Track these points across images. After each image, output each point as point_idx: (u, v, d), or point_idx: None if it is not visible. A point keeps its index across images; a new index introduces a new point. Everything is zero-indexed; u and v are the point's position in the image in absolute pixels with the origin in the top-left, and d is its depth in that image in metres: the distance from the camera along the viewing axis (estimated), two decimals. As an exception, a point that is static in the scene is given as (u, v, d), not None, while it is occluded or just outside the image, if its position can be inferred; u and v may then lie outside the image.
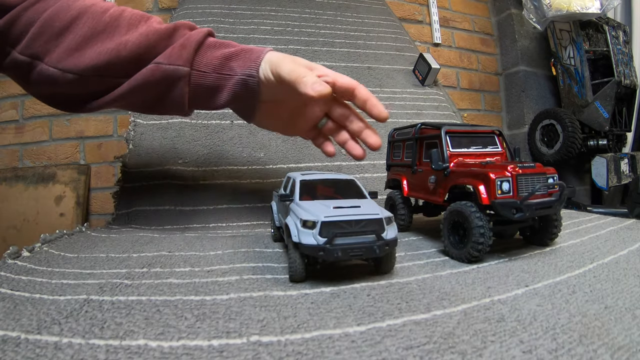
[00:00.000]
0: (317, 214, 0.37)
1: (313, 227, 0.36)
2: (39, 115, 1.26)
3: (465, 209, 0.44)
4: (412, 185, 0.59)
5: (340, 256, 0.35)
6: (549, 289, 0.35)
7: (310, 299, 0.33)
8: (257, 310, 0.29)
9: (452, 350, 0.24)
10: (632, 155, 1.38)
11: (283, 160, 0.85)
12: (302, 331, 0.26)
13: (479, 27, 1.68)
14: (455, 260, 0.45)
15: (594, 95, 1.34)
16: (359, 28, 1.31)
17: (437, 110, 1.12)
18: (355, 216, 0.37)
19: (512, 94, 1.62)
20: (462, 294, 0.34)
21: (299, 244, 0.37)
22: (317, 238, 0.36)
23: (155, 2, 1.34)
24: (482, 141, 0.55)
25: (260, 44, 1.14)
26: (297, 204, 0.42)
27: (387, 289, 0.36)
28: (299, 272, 0.37)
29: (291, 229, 0.38)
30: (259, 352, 0.23)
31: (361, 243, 0.36)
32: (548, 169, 0.48)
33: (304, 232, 0.36)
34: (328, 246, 0.35)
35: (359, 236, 0.36)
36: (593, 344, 0.25)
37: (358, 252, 0.36)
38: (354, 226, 0.36)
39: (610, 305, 0.31)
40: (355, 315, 0.29)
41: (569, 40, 1.38)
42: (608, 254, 0.46)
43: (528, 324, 0.28)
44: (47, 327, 0.25)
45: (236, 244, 0.53)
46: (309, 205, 0.40)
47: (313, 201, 0.42)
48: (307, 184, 0.45)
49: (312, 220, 0.36)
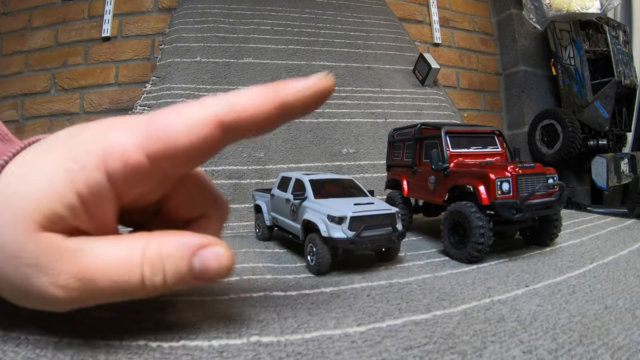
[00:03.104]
0: (344, 210, 0.40)
1: (341, 222, 0.39)
2: (39, 115, 1.26)
3: (465, 209, 0.44)
4: (412, 185, 0.59)
5: (369, 247, 0.40)
6: (549, 289, 0.35)
7: (310, 300, 0.33)
8: (257, 311, 0.29)
9: (452, 350, 0.24)
10: (632, 155, 1.38)
11: (283, 160, 0.85)
12: (302, 332, 0.26)
13: (479, 27, 1.68)
14: (455, 260, 0.45)
15: (594, 95, 1.34)
16: (359, 28, 1.30)
17: (437, 110, 1.12)
18: (375, 211, 0.42)
19: (512, 94, 1.62)
20: (462, 294, 0.34)
21: (328, 239, 0.39)
22: (346, 232, 0.39)
23: (155, 2, 1.34)
24: (482, 141, 0.55)
25: (261, 44, 1.14)
26: (314, 202, 0.44)
27: (387, 289, 0.36)
28: (326, 265, 0.40)
29: (319, 224, 0.40)
30: (258, 352, 0.23)
31: (382, 234, 0.41)
32: (548, 169, 0.48)
33: (333, 227, 0.39)
34: (357, 238, 0.39)
35: (379, 229, 0.41)
36: (593, 344, 0.25)
37: (381, 242, 0.41)
38: (374, 220, 0.41)
39: (610, 306, 0.31)
40: (355, 316, 0.29)
41: (569, 40, 1.38)
42: (608, 254, 0.46)
43: (528, 324, 0.28)
44: (47, 327, 0.25)
45: (236, 244, 0.53)
46: (330, 203, 0.42)
47: (330, 199, 0.44)
48: (316, 184, 0.46)
49: (341, 216, 0.40)
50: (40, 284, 0.20)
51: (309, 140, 0.92)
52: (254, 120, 0.22)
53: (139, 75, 1.30)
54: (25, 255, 0.20)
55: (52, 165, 0.21)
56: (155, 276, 0.21)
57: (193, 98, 1.00)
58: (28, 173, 0.21)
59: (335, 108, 1.01)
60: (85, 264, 0.20)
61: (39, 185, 0.20)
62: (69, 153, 0.21)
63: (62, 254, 0.20)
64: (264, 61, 1.09)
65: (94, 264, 0.20)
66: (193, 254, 0.22)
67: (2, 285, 0.21)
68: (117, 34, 1.32)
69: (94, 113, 1.27)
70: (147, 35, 1.32)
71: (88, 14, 1.32)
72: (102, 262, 0.21)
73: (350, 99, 1.05)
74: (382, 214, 0.41)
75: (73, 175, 0.20)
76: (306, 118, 0.97)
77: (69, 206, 0.20)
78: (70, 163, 0.20)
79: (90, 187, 0.20)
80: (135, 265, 0.21)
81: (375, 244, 0.40)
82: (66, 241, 0.21)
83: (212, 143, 0.22)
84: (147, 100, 0.92)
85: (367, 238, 0.40)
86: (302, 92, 0.23)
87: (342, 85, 1.08)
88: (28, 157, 0.22)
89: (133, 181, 0.22)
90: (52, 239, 0.20)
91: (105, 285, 0.20)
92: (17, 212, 0.20)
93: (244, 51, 1.10)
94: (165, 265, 0.22)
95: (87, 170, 0.20)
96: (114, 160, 0.21)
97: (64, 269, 0.20)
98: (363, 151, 0.93)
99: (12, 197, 0.20)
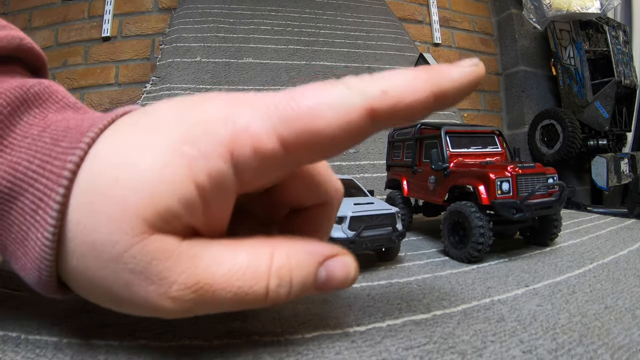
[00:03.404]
0: (343, 210, 0.39)
1: (341, 222, 0.39)
2: (39, 115, 1.26)
3: (465, 209, 0.44)
4: (412, 185, 0.59)
5: (369, 246, 0.40)
6: (549, 289, 0.35)
7: (310, 299, 0.33)
8: (257, 310, 0.29)
9: (452, 350, 0.24)
10: (632, 155, 1.38)
11: (283, 160, 0.85)
12: (302, 331, 0.26)
13: (479, 27, 1.69)
14: (455, 260, 0.45)
15: (594, 95, 1.34)
16: (359, 28, 1.31)
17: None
18: (374, 211, 0.41)
19: (512, 94, 1.62)
20: (462, 294, 0.34)
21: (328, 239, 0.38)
22: (346, 232, 0.39)
23: (155, 2, 1.34)
24: (482, 141, 0.55)
25: (260, 44, 1.14)
26: None
27: (387, 289, 0.36)
28: None
29: None
30: (259, 352, 0.23)
31: (382, 235, 0.41)
32: (548, 169, 0.48)
33: (334, 227, 0.39)
34: (357, 238, 0.39)
35: (379, 229, 0.41)
36: (593, 344, 0.25)
37: (381, 242, 0.41)
38: (374, 220, 0.41)
39: (610, 305, 0.31)
40: (355, 315, 0.29)
41: (569, 40, 1.38)
42: (608, 254, 0.46)
43: (528, 324, 0.28)
44: (47, 327, 0.25)
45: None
46: None
47: None
48: None
49: (341, 215, 0.39)
50: (145, 294, 0.17)
51: (309, 140, 0.91)
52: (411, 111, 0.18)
53: (139, 75, 1.30)
54: (130, 260, 0.16)
55: (162, 148, 0.16)
56: (281, 288, 0.19)
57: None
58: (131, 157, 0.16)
59: (335, 108, 1.01)
60: (203, 274, 0.17)
61: (149, 174, 0.16)
62: (185, 134, 0.17)
63: (177, 261, 0.17)
64: (264, 61, 1.09)
65: (214, 273, 0.17)
66: (320, 264, 0.20)
67: (93, 288, 0.18)
68: (117, 34, 1.32)
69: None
70: (147, 35, 1.32)
71: (88, 14, 1.32)
72: (223, 271, 0.17)
73: (350, 99, 1.05)
74: (382, 213, 0.41)
75: (192, 163, 0.16)
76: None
77: (187, 202, 0.16)
78: (187, 147, 0.16)
79: (212, 179, 0.17)
80: (261, 277, 0.18)
81: (375, 243, 0.40)
82: (181, 245, 0.17)
83: (358, 133, 0.18)
84: (147, 100, 0.92)
85: (367, 238, 0.40)
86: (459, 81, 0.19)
87: (342, 85, 1.08)
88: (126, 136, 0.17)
89: (262, 172, 0.18)
90: (164, 242, 0.17)
91: (224, 297, 0.17)
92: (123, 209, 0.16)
93: (244, 51, 1.10)
94: (293, 278, 0.19)
95: (209, 158, 0.16)
96: (243, 148, 0.17)
97: (178, 279, 0.17)
98: (363, 151, 0.93)
99: (113, 189, 0.16)
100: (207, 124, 0.17)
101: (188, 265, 0.17)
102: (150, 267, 0.16)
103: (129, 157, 0.16)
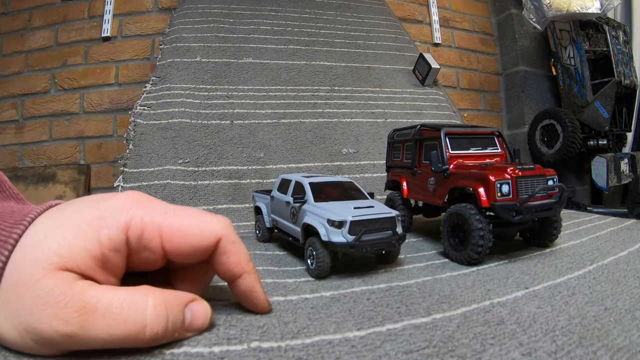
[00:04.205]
0: (343, 214, 0.40)
1: (341, 227, 0.39)
2: (39, 115, 1.26)
3: (465, 212, 0.44)
4: (411, 186, 0.59)
5: (369, 250, 0.40)
6: (549, 290, 0.35)
7: (311, 304, 0.33)
8: (258, 316, 0.29)
9: (452, 353, 0.24)
10: (632, 155, 1.38)
11: (283, 160, 0.85)
12: (302, 336, 0.26)
13: (479, 27, 1.68)
14: (455, 262, 0.45)
15: (594, 95, 1.34)
16: (359, 28, 1.30)
17: (437, 110, 1.12)
18: (374, 215, 0.41)
19: (512, 94, 1.62)
20: (461, 297, 0.34)
21: (328, 243, 0.39)
22: (346, 236, 0.39)
23: (155, 2, 1.34)
24: (482, 142, 0.55)
25: (260, 44, 1.14)
26: (314, 205, 0.43)
27: (387, 292, 0.36)
28: (326, 270, 0.40)
29: (319, 229, 0.40)
30: (259, 358, 0.24)
31: (382, 238, 0.41)
32: (548, 170, 0.48)
33: (333, 232, 0.39)
34: (357, 242, 0.39)
35: (379, 232, 0.41)
36: (593, 345, 0.25)
37: (381, 246, 0.41)
38: (374, 224, 0.41)
39: (610, 307, 0.31)
40: (355, 320, 0.29)
41: (569, 40, 1.38)
42: (608, 255, 0.46)
43: (528, 327, 0.28)
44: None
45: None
46: (330, 206, 0.42)
47: (330, 202, 0.44)
48: (315, 186, 0.46)
49: (341, 220, 0.39)
50: (41, 317, 0.21)
51: (309, 140, 0.92)
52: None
53: (139, 75, 1.30)
54: (39, 288, 0.21)
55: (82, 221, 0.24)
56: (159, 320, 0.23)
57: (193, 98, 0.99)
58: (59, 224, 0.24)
59: (335, 108, 1.01)
60: (89, 300, 0.22)
61: (69, 233, 0.23)
62: (99, 214, 0.25)
63: (71, 288, 0.22)
64: (264, 61, 1.09)
65: (97, 300, 0.22)
66: (185, 306, 0.26)
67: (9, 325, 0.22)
68: (117, 34, 1.32)
69: (94, 113, 1.27)
70: (147, 35, 1.32)
71: (88, 14, 1.32)
72: (105, 300, 0.22)
73: (350, 99, 1.05)
74: (382, 217, 0.41)
75: (100, 231, 0.24)
76: (306, 118, 0.97)
77: (90, 252, 0.23)
78: (99, 221, 0.24)
79: (111, 242, 0.24)
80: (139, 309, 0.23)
81: (375, 247, 0.40)
82: (78, 281, 0.23)
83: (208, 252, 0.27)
84: (147, 100, 0.92)
85: (367, 242, 0.39)
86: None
87: (342, 85, 1.08)
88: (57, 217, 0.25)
89: (144, 251, 0.26)
90: (66, 276, 0.22)
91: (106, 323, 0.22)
92: (43, 250, 0.22)
93: (244, 51, 1.10)
94: (169, 313, 0.24)
95: (112, 229, 0.24)
96: (135, 230, 0.25)
97: (68, 303, 0.21)
98: (363, 151, 0.93)
99: (42, 242, 0.23)
100: (114, 209, 0.25)
101: (79, 293, 0.22)
102: (51, 294, 0.21)
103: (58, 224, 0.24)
